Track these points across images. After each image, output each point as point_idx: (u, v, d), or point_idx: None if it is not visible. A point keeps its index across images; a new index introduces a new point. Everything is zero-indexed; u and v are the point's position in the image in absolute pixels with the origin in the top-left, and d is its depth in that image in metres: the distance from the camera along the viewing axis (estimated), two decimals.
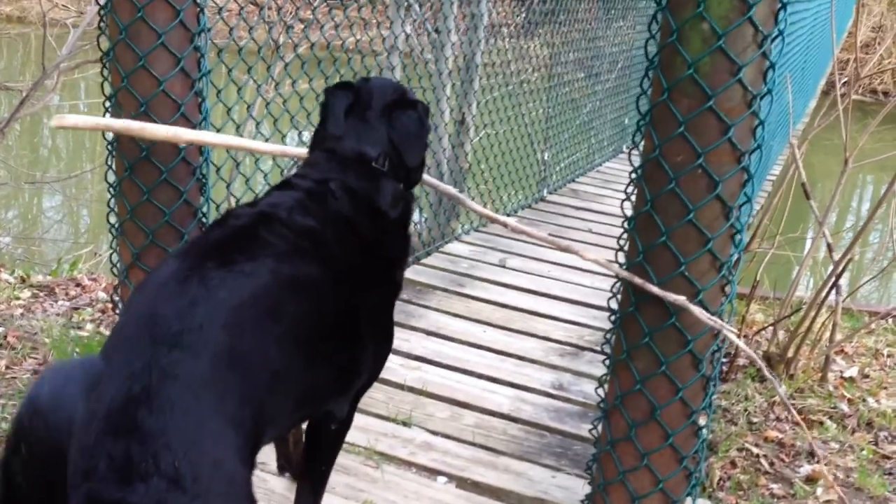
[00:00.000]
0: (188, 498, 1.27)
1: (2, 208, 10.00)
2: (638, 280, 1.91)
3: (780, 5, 1.75)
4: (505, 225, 2.31)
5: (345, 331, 1.80)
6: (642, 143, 1.97)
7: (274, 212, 1.74)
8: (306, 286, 1.67)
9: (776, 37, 1.77)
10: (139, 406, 1.32)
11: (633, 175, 2.00)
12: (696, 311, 1.84)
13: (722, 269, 1.90)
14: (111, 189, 2.39)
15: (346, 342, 1.81)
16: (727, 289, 1.95)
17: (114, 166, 2.38)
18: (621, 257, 2.06)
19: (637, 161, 1.98)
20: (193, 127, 2.30)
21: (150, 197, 2.30)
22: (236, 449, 1.40)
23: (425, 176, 2.18)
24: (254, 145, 2.46)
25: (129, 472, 1.26)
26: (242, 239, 1.66)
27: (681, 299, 1.85)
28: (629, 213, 2.03)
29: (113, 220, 2.43)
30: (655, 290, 1.87)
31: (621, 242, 2.07)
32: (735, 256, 1.94)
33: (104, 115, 2.35)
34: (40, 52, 5.88)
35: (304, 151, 2.15)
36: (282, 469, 2.41)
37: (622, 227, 2.06)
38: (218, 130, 2.94)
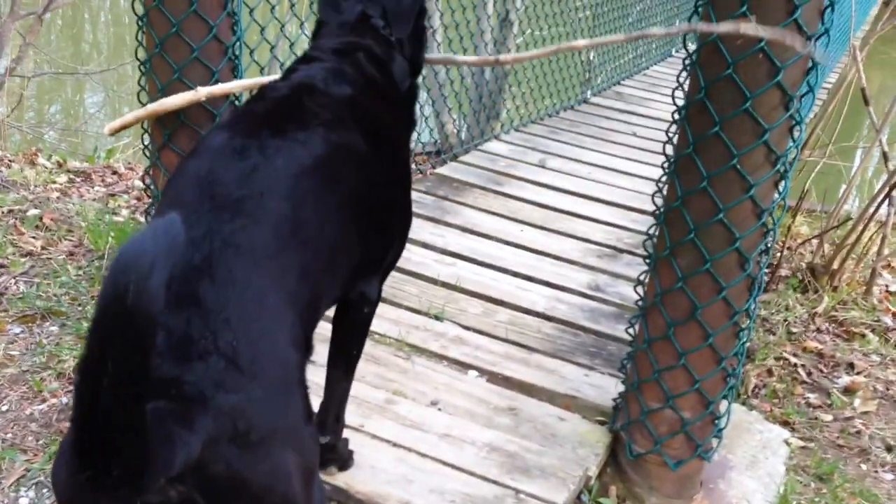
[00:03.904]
0: (246, 379, 1.19)
1: (45, 103, 10.01)
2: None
3: None
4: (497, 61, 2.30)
5: (385, 202, 1.75)
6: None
7: (311, 82, 1.69)
8: (355, 155, 1.62)
9: None
10: (201, 277, 1.23)
11: (688, 61, 1.89)
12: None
13: (777, 164, 1.80)
14: (139, 21, 2.33)
15: (386, 215, 1.77)
16: (780, 185, 1.85)
17: None
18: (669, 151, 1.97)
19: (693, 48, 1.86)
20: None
21: (179, 30, 2.24)
22: (292, 330, 1.33)
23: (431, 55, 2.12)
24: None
25: (188, 348, 1.18)
26: (289, 108, 1.60)
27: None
28: (681, 103, 1.92)
29: (142, 55, 2.37)
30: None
31: (670, 134, 1.97)
32: (792, 152, 1.83)
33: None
34: None
35: None
36: None
37: (671, 118, 1.95)
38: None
